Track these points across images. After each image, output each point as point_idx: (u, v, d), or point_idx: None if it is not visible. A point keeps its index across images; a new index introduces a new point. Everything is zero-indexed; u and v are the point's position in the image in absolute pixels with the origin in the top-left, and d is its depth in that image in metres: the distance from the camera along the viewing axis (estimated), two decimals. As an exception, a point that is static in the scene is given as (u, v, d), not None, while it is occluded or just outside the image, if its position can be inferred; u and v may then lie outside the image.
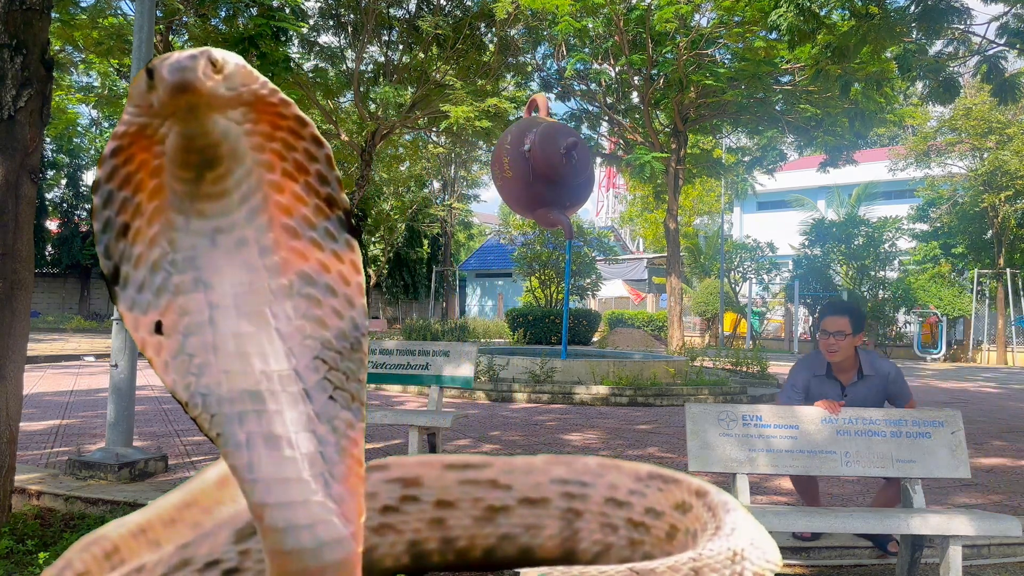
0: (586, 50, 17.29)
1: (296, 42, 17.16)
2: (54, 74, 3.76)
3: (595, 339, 24.04)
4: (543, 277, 23.90)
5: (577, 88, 18.96)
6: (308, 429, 0.60)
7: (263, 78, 0.60)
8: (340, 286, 0.64)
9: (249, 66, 0.59)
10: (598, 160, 20.54)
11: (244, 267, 0.61)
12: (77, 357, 15.07)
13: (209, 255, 0.61)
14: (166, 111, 0.55)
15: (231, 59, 0.56)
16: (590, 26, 16.22)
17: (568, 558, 0.75)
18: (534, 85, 19.26)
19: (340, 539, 0.58)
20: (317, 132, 0.63)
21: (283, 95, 0.61)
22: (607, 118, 19.59)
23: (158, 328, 0.61)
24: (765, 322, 29.55)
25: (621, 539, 0.73)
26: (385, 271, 37.87)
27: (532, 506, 0.76)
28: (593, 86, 18.90)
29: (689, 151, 19.14)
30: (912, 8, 7.99)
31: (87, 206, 35.71)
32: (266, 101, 0.59)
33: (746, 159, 21.77)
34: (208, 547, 0.70)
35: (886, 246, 25.57)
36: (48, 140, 29.27)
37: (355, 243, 0.66)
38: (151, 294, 0.61)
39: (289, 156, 0.62)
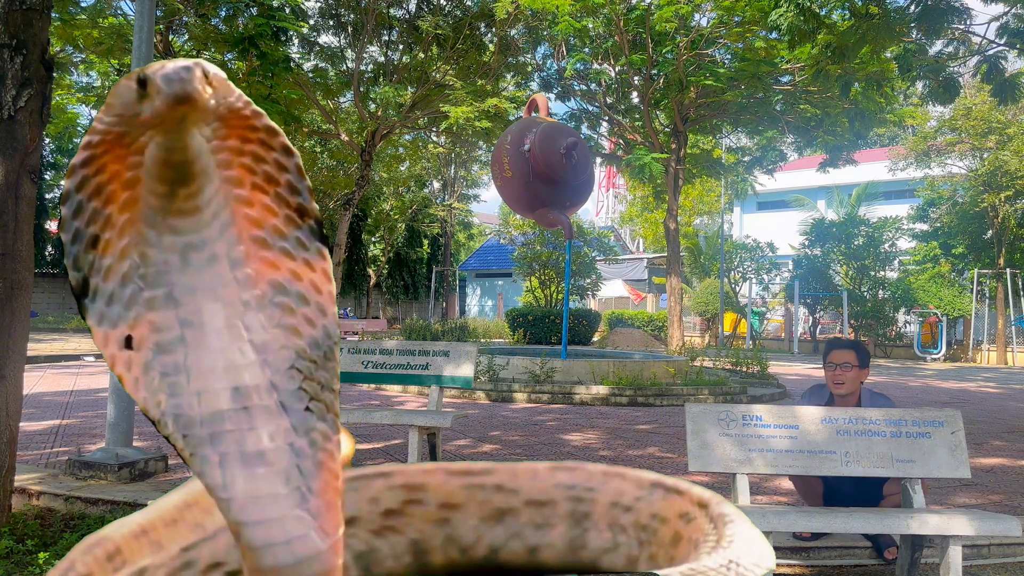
0: (586, 50, 17.29)
1: (296, 42, 17.17)
2: (54, 74, 3.76)
3: (595, 339, 24.05)
4: (543, 277, 23.91)
5: (577, 88, 18.97)
6: (285, 442, 0.60)
7: (238, 91, 0.60)
8: (312, 295, 0.64)
9: (226, 78, 0.58)
10: (598, 160, 20.54)
11: (216, 282, 0.61)
12: (77, 357, 15.07)
13: (180, 272, 0.60)
14: (156, 122, 0.55)
15: (213, 70, 0.56)
16: (590, 26, 16.23)
17: (577, 556, 0.75)
18: (534, 85, 19.26)
19: (318, 554, 0.58)
20: (287, 141, 0.63)
21: (255, 106, 0.61)
22: (607, 118, 19.59)
23: (128, 343, 0.60)
24: (765, 322, 29.57)
25: (630, 539, 0.73)
26: (385, 271, 37.90)
27: (539, 507, 0.76)
28: (593, 86, 18.90)
29: (689, 151, 19.14)
30: (912, 8, 7.99)
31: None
32: (240, 114, 0.59)
33: (746, 159, 21.78)
34: (210, 550, 0.70)
35: (886, 246, 25.59)
36: (48, 140, 29.25)
37: (326, 252, 0.66)
38: (121, 307, 0.61)
39: (259, 168, 0.61)
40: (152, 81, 0.53)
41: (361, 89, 17.78)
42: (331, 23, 18.03)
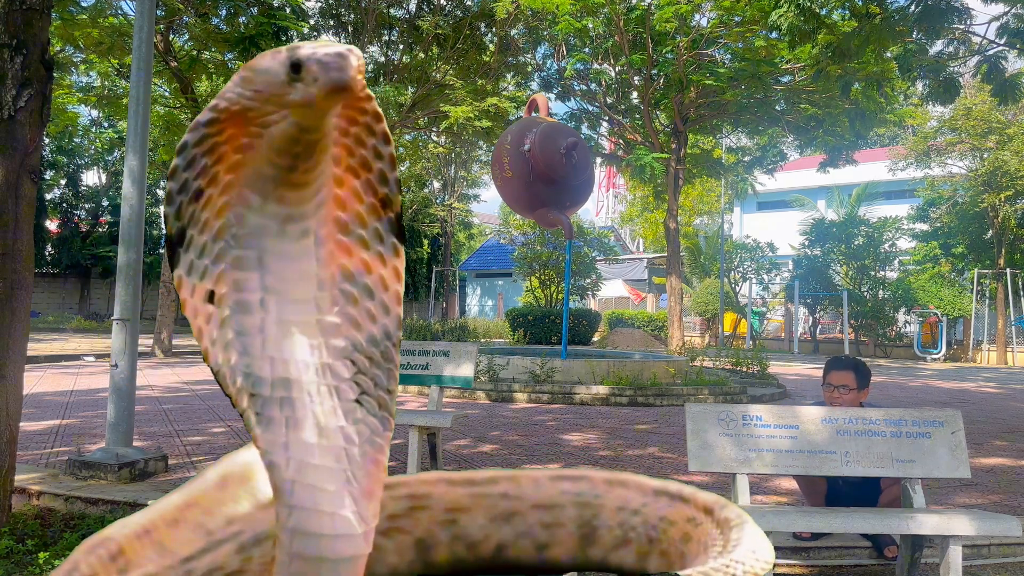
0: (586, 50, 17.29)
1: (297, 42, 17.14)
2: (54, 74, 3.76)
3: (595, 339, 24.04)
4: (543, 277, 23.90)
5: (577, 88, 18.96)
6: (339, 424, 0.61)
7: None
8: (379, 290, 0.64)
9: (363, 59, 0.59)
10: (598, 160, 20.54)
11: (303, 256, 0.62)
12: (77, 357, 15.06)
13: (275, 240, 0.62)
14: (305, 105, 0.55)
15: (360, 55, 0.56)
16: (590, 26, 16.23)
17: (587, 552, 0.75)
18: (534, 85, 19.26)
19: (357, 556, 0.58)
20: (387, 129, 0.63)
21: (368, 91, 0.61)
22: (607, 118, 19.59)
23: (211, 298, 0.61)
24: (765, 322, 29.56)
25: (640, 536, 0.73)
26: (385, 271, 37.83)
27: (547, 509, 0.76)
28: (593, 86, 18.90)
29: (689, 151, 19.14)
30: (912, 8, 7.99)
31: (87, 206, 35.70)
32: (356, 95, 0.59)
33: (746, 159, 21.78)
34: (210, 560, 0.70)
35: (886, 246, 25.59)
36: (48, 140, 29.26)
37: (401, 249, 0.65)
38: (209, 260, 0.62)
39: (357, 152, 0.62)
40: (308, 67, 0.53)
41: (361, 89, 17.77)
42: (331, 23, 18.03)
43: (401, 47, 18.57)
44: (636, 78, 17.89)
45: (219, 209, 0.61)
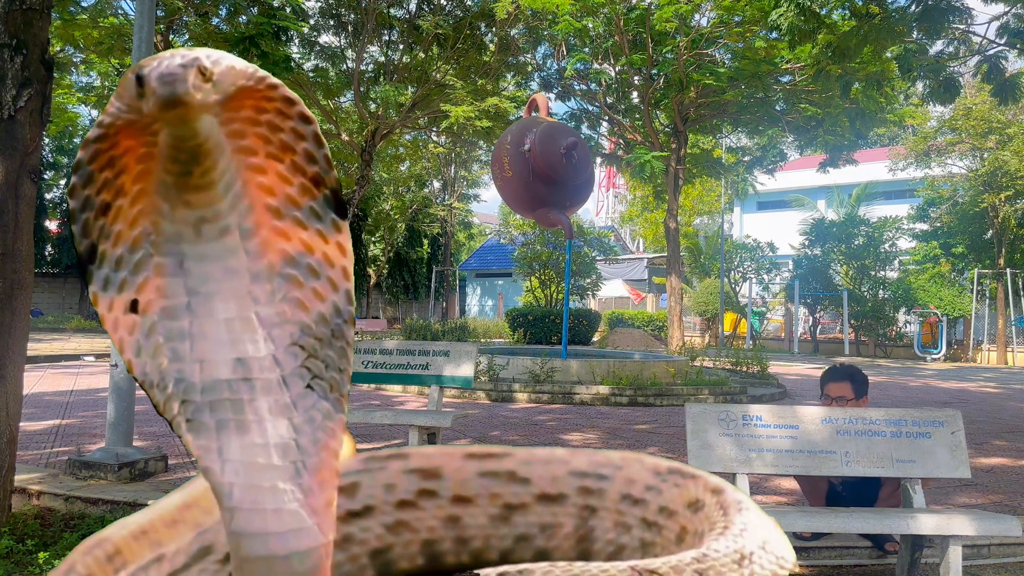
0: (586, 50, 17.29)
1: (297, 42, 17.17)
2: (54, 74, 3.76)
3: (595, 339, 24.03)
4: (543, 277, 23.90)
5: (577, 88, 18.96)
6: (284, 417, 0.59)
7: (252, 68, 0.59)
8: (324, 268, 0.63)
9: (238, 63, 0.58)
10: (598, 160, 20.54)
11: (226, 253, 0.60)
12: (77, 357, 15.06)
13: (191, 243, 0.60)
14: (155, 118, 0.55)
15: (222, 61, 0.55)
16: (590, 26, 16.23)
17: (583, 559, 0.75)
18: (534, 85, 19.27)
19: (312, 548, 0.57)
20: (306, 110, 0.62)
21: (272, 79, 0.60)
22: (607, 118, 19.59)
23: (133, 307, 0.60)
24: (765, 322, 29.57)
25: (634, 539, 0.72)
26: (385, 271, 37.89)
27: (549, 503, 0.75)
28: (593, 86, 18.90)
29: (689, 151, 19.14)
30: (912, 8, 7.99)
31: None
32: (251, 91, 0.58)
33: (746, 159, 21.78)
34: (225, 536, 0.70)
35: (886, 246, 25.59)
36: (48, 140, 29.24)
37: (343, 225, 0.64)
38: (128, 271, 0.61)
39: (275, 137, 0.61)
40: (147, 81, 0.53)
41: (361, 89, 17.78)
42: (331, 23, 18.03)
43: (401, 47, 18.57)
44: (636, 78, 17.89)
45: (133, 219, 0.60)
